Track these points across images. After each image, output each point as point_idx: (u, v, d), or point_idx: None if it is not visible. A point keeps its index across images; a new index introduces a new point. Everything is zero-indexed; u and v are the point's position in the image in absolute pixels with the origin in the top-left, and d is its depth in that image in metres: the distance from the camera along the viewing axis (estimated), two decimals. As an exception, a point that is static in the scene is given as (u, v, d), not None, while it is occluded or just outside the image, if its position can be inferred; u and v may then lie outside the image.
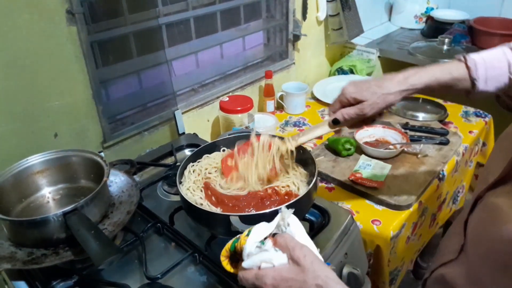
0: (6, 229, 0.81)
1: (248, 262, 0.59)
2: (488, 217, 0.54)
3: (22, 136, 1.04)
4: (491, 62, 0.73)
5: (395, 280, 1.23)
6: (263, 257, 0.58)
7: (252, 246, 0.59)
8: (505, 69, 0.73)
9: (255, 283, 0.58)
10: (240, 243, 0.60)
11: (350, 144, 1.32)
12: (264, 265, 0.58)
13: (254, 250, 0.59)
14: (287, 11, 1.72)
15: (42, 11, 0.98)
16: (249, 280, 0.59)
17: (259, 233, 0.60)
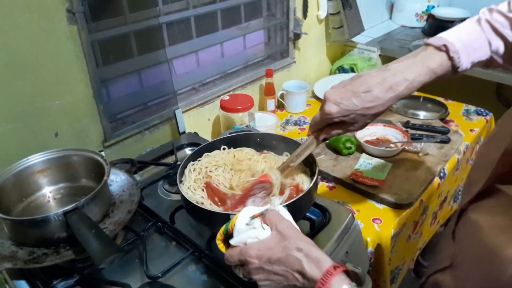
0: (7, 228, 0.81)
1: (235, 239, 0.62)
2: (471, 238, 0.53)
3: (23, 136, 1.04)
4: (472, 46, 0.70)
5: (396, 279, 1.23)
6: (250, 234, 0.61)
7: (242, 223, 0.62)
8: (486, 49, 0.71)
9: (240, 258, 0.61)
10: (231, 224, 0.63)
11: (351, 142, 1.32)
12: (250, 240, 0.61)
13: (244, 227, 0.62)
14: (287, 9, 1.71)
15: (42, 10, 0.98)
16: (234, 257, 0.62)
17: (248, 211, 0.63)
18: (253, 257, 0.59)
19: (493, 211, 0.52)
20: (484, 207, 0.54)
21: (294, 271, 0.57)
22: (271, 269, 0.59)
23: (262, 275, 0.60)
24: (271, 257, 0.58)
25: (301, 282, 0.57)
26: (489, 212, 0.53)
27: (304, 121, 1.61)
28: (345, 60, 1.99)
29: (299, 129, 1.56)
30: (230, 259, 0.63)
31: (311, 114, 1.65)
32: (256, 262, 0.59)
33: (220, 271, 0.83)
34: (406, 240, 1.20)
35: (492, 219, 0.50)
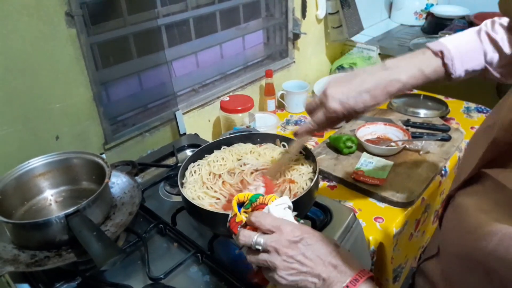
0: (9, 232, 0.81)
1: (275, 208, 0.60)
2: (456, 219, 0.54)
3: (24, 139, 1.04)
4: (468, 54, 0.73)
5: (399, 277, 1.23)
6: (286, 214, 0.61)
7: (286, 203, 0.62)
8: (481, 60, 0.73)
9: (274, 225, 0.58)
10: (267, 197, 0.62)
11: (351, 141, 1.32)
12: (286, 218, 0.61)
13: (283, 208, 0.62)
14: (286, 9, 1.71)
15: (41, 13, 0.98)
16: (266, 221, 0.59)
17: (289, 202, 0.63)
18: (292, 230, 0.58)
19: (477, 195, 0.53)
20: (470, 192, 0.55)
21: (327, 261, 0.56)
22: (304, 249, 0.57)
23: (292, 251, 0.57)
24: (309, 238, 0.58)
25: (328, 274, 0.56)
26: (473, 195, 0.53)
27: (304, 121, 1.61)
28: (344, 59, 1.99)
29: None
30: (262, 220, 0.59)
31: (311, 114, 1.65)
32: (293, 235, 0.57)
33: (222, 272, 0.82)
34: (408, 238, 1.20)
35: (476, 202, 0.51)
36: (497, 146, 0.51)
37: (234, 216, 0.63)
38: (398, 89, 0.74)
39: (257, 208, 0.62)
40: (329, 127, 0.81)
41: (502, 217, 0.44)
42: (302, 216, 0.90)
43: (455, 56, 0.72)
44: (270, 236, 0.58)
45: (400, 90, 0.74)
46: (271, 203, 0.61)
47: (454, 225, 0.52)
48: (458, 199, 0.56)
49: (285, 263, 0.57)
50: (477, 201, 0.51)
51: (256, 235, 0.59)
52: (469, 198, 0.53)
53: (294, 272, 0.57)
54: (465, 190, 0.56)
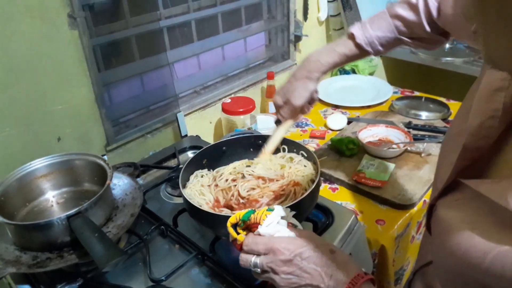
0: (11, 233, 0.81)
1: (266, 229, 0.61)
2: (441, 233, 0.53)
3: (26, 140, 1.04)
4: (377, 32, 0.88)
5: (400, 280, 1.22)
6: (279, 229, 0.62)
7: (276, 218, 0.62)
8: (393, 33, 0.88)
9: (267, 247, 0.60)
10: (258, 215, 0.63)
11: (353, 144, 1.32)
12: (278, 234, 0.61)
13: (275, 223, 0.62)
14: (288, 12, 1.72)
15: (43, 15, 0.98)
16: (259, 244, 0.60)
17: (281, 211, 0.64)
18: (284, 248, 0.59)
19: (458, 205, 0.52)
20: (450, 202, 0.55)
21: (323, 271, 0.57)
22: (299, 264, 0.58)
23: (288, 269, 0.58)
24: (302, 253, 0.58)
25: (326, 284, 0.57)
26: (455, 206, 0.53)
27: (306, 123, 1.61)
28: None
29: (301, 131, 1.56)
30: (254, 245, 0.61)
31: (313, 116, 1.65)
32: (286, 253, 0.58)
33: (223, 274, 0.82)
34: (410, 240, 1.19)
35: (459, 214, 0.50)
36: (468, 152, 0.51)
37: (235, 241, 0.64)
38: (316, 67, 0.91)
39: (251, 226, 0.63)
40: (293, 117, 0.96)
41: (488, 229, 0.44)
42: (304, 219, 0.90)
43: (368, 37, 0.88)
44: (265, 258, 0.60)
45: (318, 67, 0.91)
46: (262, 222, 0.62)
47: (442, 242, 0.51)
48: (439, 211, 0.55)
49: (285, 280, 0.59)
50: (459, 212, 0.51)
51: (252, 258, 0.62)
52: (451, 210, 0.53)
53: (295, 285, 0.59)
54: (445, 199, 0.56)
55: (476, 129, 0.49)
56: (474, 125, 0.49)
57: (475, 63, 1.82)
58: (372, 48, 0.90)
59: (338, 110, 1.69)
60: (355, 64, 1.93)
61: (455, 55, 1.88)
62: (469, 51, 1.92)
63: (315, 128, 1.57)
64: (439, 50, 1.91)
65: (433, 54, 1.90)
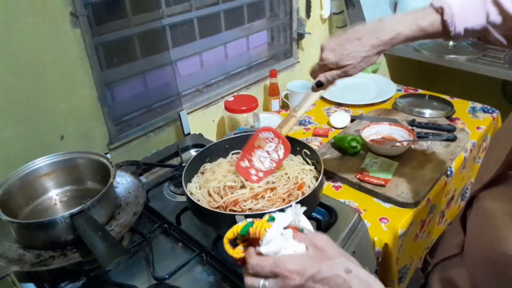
0: (14, 231, 0.81)
1: (267, 247, 0.55)
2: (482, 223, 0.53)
3: (29, 139, 1.05)
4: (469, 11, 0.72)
5: (404, 278, 1.22)
6: (284, 245, 0.55)
7: (277, 232, 0.56)
8: (483, 19, 0.72)
9: (274, 270, 0.54)
10: (258, 229, 0.56)
11: (356, 142, 1.31)
12: (284, 252, 0.55)
13: (278, 236, 0.56)
14: (290, 9, 1.71)
15: (46, 14, 0.98)
16: (265, 268, 0.54)
17: (283, 221, 0.57)
18: (294, 272, 0.52)
19: (504, 198, 0.52)
20: (495, 194, 0.54)
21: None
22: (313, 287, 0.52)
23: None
24: (315, 276, 0.52)
25: None
26: (500, 198, 0.52)
27: (309, 121, 1.61)
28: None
29: (304, 129, 1.55)
30: (260, 269, 0.55)
31: (316, 114, 1.65)
32: (297, 278, 0.52)
33: (226, 272, 0.82)
34: (414, 239, 1.19)
35: (503, 206, 0.50)
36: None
37: (233, 258, 0.59)
38: (392, 38, 0.75)
39: (251, 241, 0.58)
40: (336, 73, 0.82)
41: None
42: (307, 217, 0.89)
43: (455, 13, 0.71)
44: (274, 282, 0.54)
45: (393, 39, 0.76)
46: (262, 238, 0.56)
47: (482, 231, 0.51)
48: (483, 202, 0.55)
49: None
50: (504, 204, 0.50)
51: (261, 281, 0.55)
52: (495, 201, 0.52)
53: None
54: (489, 191, 0.55)
55: None
56: None
57: (478, 61, 1.82)
58: (455, 30, 0.73)
59: (341, 108, 1.68)
60: (358, 62, 1.92)
61: (459, 52, 1.87)
62: (473, 48, 1.91)
63: (318, 126, 1.56)
64: (443, 48, 1.90)
65: (437, 51, 1.89)
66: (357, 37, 0.77)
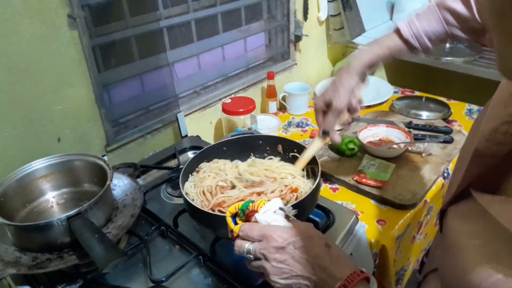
0: (11, 234, 0.81)
1: (262, 216, 0.61)
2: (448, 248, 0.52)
3: (26, 141, 1.04)
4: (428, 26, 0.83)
5: (401, 280, 1.22)
6: (276, 218, 0.61)
7: (274, 207, 0.62)
8: (440, 24, 0.82)
9: (261, 233, 0.59)
10: (256, 204, 0.62)
11: (353, 144, 1.32)
12: (274, 223, 0.61)
13: (272, 212, 0.62)
14: (288, 11, 1.72)
15: (43, 16, 0.98)
16: (254, 230, 0.60)
17: (279, 202, 0.63)
18: (278, 236, 0.58)
19: (471, 215, 0.51)
20: (462, 210, 0.53)
21: (316, 263, 0.55)
22: (292, 253, 0.57)
23: (280, 256, 0.57)
24: (296, 242, 0.57)
25: (318, 277, 0.55)
26: (467, 216, 0.51)
27: (306, 123, 1.61)
28: (346, 61, 1.98)
29: (301, 131, 1.55)
30: (249, 231, 0.60)
31: (313, 116, 1.64)
32: (279, 241, 0.57)
33: (224, 275, 0.82)
34: (411, 241, 1.19)
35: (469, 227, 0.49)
36: (480, 157, 0.49)
37: (232, 232, 0.64)
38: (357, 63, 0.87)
39: (249, 215, 0.63)
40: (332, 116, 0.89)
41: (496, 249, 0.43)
42: (304, 219, 0.89)
43: (415, 31, 0.83)
44: (259, 244, 0.59)
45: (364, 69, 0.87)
46: (259, 209, 0.62)
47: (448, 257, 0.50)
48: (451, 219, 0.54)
49: (276, 269, 0.57)
50: (470, 224, 0.49)
51: (246, 244, 0.61)
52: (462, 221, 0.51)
53: (286, 276, 0.57)
54: (457, 206, 0.55)
55: (490, 134, 0.47)
56: (488, 130, 0.47)
57: (475, 63, 1.82)
58: (420, 43, 0.84)
59: (338, 110, 1.68)
60: (355, 64, 1.93)
61: (456, 55, 1.88)
62: (470, 50, 1.92)
63: (316, 128, 1.57)
64: (440, 50, 1.91)
65: (433, 54, 1.89)
66: (338, 74, 0.89)
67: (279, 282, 0.57)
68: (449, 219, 0.55)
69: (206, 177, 0.91)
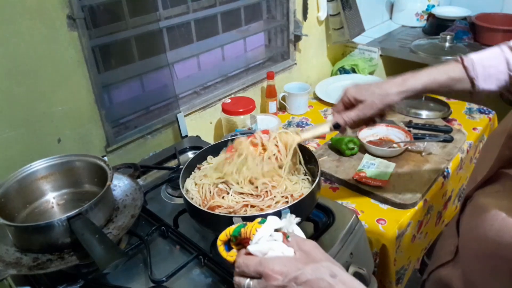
0: (11, 235, 0.81)
1: (256, 246, 0.56)
2: (476, 219, 0.53)
3: (26, 142, 1.04)
4: (489, 61, 0.74)
5: (401, 279, 1.22)
6: (272, 246, 0.55)
7: (267, 232, 0.56)
8: (504, 67, 0.74)
9: (258, 270, 0.54)
10: (248, 229, 0.57)
11: (353, 143, 1.32)
12: (271, 253, 0.55)
13: (267, 238, 0.56)
14: (287, 11, 1.72)
15: (43, 17, 0.98)
16: (250, 267, 0.55)
17: (274, 223, 0.58)
18: (277, 272, 0.52)
19: (498, 195, 0.52)
20: (490, 192, 0.54)
21: None
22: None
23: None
24: (298, 277, 0.52)
25: None
26: (495, 196, 0.53)
27: (306, 123, 1.61)
28: (346, 61, 1.99)
29: (301, 130, 1.55)
30: (245, 268, 0.55)
31: (313, 116, 1.65)
32: (280, 279, 0.52)
33: (224, 275, 0.82)
34: (411, 240, 1.19)
35: (498, 202, 0.50)
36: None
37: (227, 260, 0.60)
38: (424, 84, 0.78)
39: (243, 242, 0.59)
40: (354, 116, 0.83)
41: None
42: (304, 219, 0.89)
43: (475, 61, 0.74)
44: (258, 282, 0.55)
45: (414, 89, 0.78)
46: (252, 237, 0.56)
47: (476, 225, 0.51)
48: (477, 199, 0.55)
49: None
50: (499, 201, 0.51)
51: (246, 281, 0.56)
52: (489, 198, 0.53)
53: None
54: (484, 190, 0.56)
55: None
56: None
57: (475, 62, 1.82)
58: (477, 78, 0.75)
59: (338, 109, 1.68)
60: (355, 63, 1.93)
61: (455, 54, 1.88)
62: (470, 49, 1.92)
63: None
64: (439, 49, 1.91)
65: (433, 53, 1.89)
66: (385, 81, 0.80)
67: None
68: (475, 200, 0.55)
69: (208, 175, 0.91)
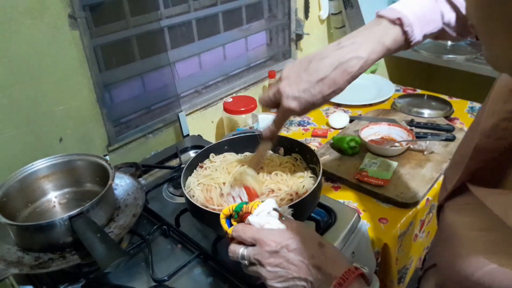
0: (13, 234, 0.81)
1: (255, 218, 0.61)
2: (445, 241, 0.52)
3: (27, 141, 1.04)
4: (425, 18, 0.65)
5: (403, 279, 1.22)
6: (269, 220, 0.61)
7: (267, 208, 0.62)
8: (439, 21, 0.67)
9: (254, 237, 0.59)
10: (250, 205, 0.62)
11: (355, 142, 1.31)
12: (268, 226, 0.60)
13: (266, 214, 0.61)
14: (289, 10, 1.71)
15: (44, 16, 0.98)
16: (247, 233, 0.60)
17: (273, 203, 0.63)
18: (271, 240, 0.57)
19: (468, 209, 0.51)
20: (459, 205, 0.53)
21: (311, 264, 0.56)
22: (286, 256, 0.57)
23: (274, 260, 0.57)
24: (289, 245, 0.57)
25: (314, 277, 0.55)
26: (464, 211, 0.52)
27: (308, 122, 1.61)
28: None
29: (303, 129, 1.55)
30: (242, 234, 0.60)
31: (314, 115, 1.65)
32: (273, 245, 0.57)
33: (226, 274, 0.82)
34: (413, 239, 1.19)
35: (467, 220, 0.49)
36: (480, 153, 0.49)
37: (227, 234, 0.64)
38: (360, 68, 0.66)
39: (244, 217, 0.63)
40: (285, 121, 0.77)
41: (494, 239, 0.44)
42: (306, 218, 0.89)
43: (413, 22, 0.64)
44: (253, 249, 0.59)
45: (362, 68, 0.66)
46: (253, 211, 0.62)
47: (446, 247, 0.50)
48: (447, 214, 0.54)
49: (271, 273, 0.58)
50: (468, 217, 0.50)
51: (240, 249, 0.61)
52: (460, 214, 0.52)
53: (282, 279, 0.58)
54: (454, 201, 0.55)
55: (490, 130, 0.47)
56: (488, 126, 0.47)
57: (477, 61, 1.82)
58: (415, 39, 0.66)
59: (340, 108, 1.68)
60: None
61: (457, 52, 1.88)
62: (471, 48, 1.91)
63: (317, 126, 1.56)
64: (441, 48, 1.90)
65: (435, 51, 1.89)
66: (320, 78, 0.66)
67: (276, 286, 0.58)
68: (446, 213, 0.55)
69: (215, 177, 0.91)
